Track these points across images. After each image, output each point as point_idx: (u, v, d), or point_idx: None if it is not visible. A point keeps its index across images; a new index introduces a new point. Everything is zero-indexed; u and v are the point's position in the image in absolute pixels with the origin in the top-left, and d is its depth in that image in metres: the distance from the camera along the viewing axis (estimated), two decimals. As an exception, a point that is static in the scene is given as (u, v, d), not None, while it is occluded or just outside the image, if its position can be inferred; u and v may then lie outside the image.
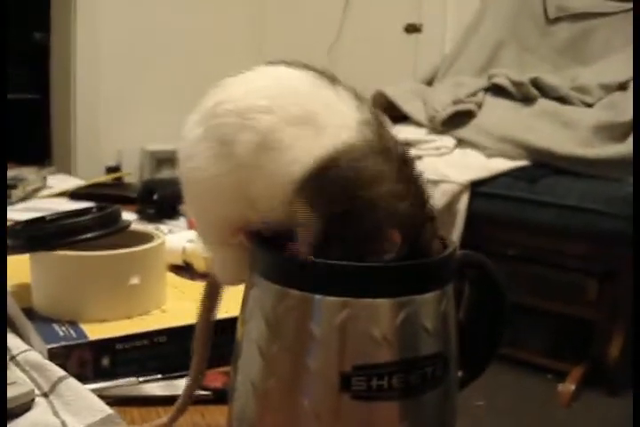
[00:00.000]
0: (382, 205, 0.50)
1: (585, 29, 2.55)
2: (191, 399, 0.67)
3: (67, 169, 3.09)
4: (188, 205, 0.60)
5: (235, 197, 0.54)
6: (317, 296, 0.52)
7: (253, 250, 0.57)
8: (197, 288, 0.94)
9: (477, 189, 2.15)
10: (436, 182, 2.14)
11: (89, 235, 0.85)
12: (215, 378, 0.75)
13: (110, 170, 3.39)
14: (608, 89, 2.27)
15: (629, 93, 2.17)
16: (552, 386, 2.19)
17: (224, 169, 0.54)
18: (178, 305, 0.87)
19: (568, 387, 2.15)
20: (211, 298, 0.65)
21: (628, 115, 2.08)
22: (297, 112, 0.51)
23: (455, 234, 2.10)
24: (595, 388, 2.18)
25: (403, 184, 0.51)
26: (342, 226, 0.51)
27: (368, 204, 0.50)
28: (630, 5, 2.49)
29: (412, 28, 3.41)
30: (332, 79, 0.53)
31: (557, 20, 2.62)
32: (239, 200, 0.54)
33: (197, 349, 0.66)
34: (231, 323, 0.61)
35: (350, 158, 0.50)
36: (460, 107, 2.28)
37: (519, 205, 2.11)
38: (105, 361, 0.76)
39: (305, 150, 0.50)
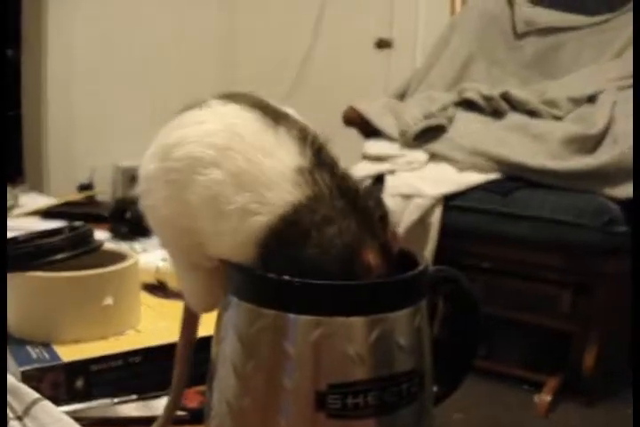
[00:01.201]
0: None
1: (553, 44, 2.58)
2: (169, 422, 0.67)
3: (39, 186, 3.06)
4: (156, 235, 0.62)
5: (189, 238, 0.57)
6: (291, 315, 0.52)
7: (227, 270, 0.57)
8: (172, 307, 0.95)
9: (450, 202, 2.16)
10: (408, 197, 2.15)
11: (61, 256, 0.85)
12: (191, 398, 0.75)
13: (83, 188, 3.36)
14: (577, 102, 2.30)
15: (598, 106, 2.20)
16: (528, 397, 2.20)
17: (176, 211, 0.57)
18: (153, 325, 0.87)
19: (544, 398, 2.16)
20: (188, 323, 0.65)
21: (597, 127, 2.10)
22: (241, 164, 0.54)
23: (429, 248, 2.11)
24: (571, 398, 2.19)
25: (337, 224, 0.53)
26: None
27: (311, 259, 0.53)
28: (598, 19, 2.53)
29: (383, 43, 3.43)
30: (277, 119, 0.56)
31: (526, 34, 2.65)
32: (193, 240, 0.57)
33: (177, 372, 0.66)
34: (206, 342, 0.60)
35: (286, 229, 0.53)
36: (432, 121, 2.29)
37: (492, 218, 2.12)
38: (79, 383, 0.75)
39: (248, 219, 0.53)
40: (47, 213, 1.58)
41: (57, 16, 3.31)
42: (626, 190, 1.98)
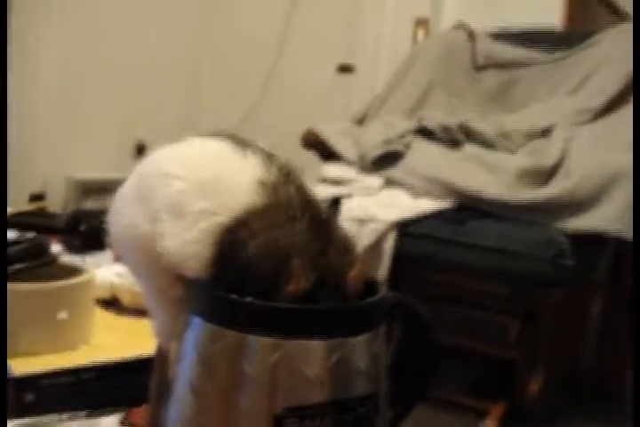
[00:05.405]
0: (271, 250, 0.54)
1: (510, 78, 2.64)
2: None
3: (-11, 195, 3.01)
4: (124, 262, 0.64)
5: (150, 252, 0.58)
6: (251, 336, 0.52)
7: (188, 289, 0.57)
8: (125, 323, 0.94)
9: (404, 229, 2.18)
10: (363, 221, 2.17)
11: (17, 266, 0.84)
12: (142, 415, 0.74)
13: (34, 197, 3.31)
14: (531, 136, 2.35)
15: (552, 140, 2.25)
16: (474, 424, 2.22)
17: (141, 219, 0.59)
18: (106, 340, 0.86)
19: (489, 425, 2.18)
20: (161, 363, 0.65)
21: (550, 160, 2.15)
22: (206, 176, 0.57)
23: (381, 273, 2.12)
24: (515, 425, 2.21)
25: (285, 229, 0.54)
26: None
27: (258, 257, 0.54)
28: (555, 57, 2.59)
29: (345, 68, 3.47)
30: (244, 145, 0.59)
31: (485, 67, 2.70)
32: (155, 252, 0.58)
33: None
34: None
35: (241, 230, 0.54)
36: (390, 147, 2.32)
37: (444, 245, 2.14)
38: (29, 397, 0.74)
39: (205, 220, 0.55)
40: (-1, 223, 1.55)
41: (18, 29, 3.28)
42: (576, 223, 2.03)
